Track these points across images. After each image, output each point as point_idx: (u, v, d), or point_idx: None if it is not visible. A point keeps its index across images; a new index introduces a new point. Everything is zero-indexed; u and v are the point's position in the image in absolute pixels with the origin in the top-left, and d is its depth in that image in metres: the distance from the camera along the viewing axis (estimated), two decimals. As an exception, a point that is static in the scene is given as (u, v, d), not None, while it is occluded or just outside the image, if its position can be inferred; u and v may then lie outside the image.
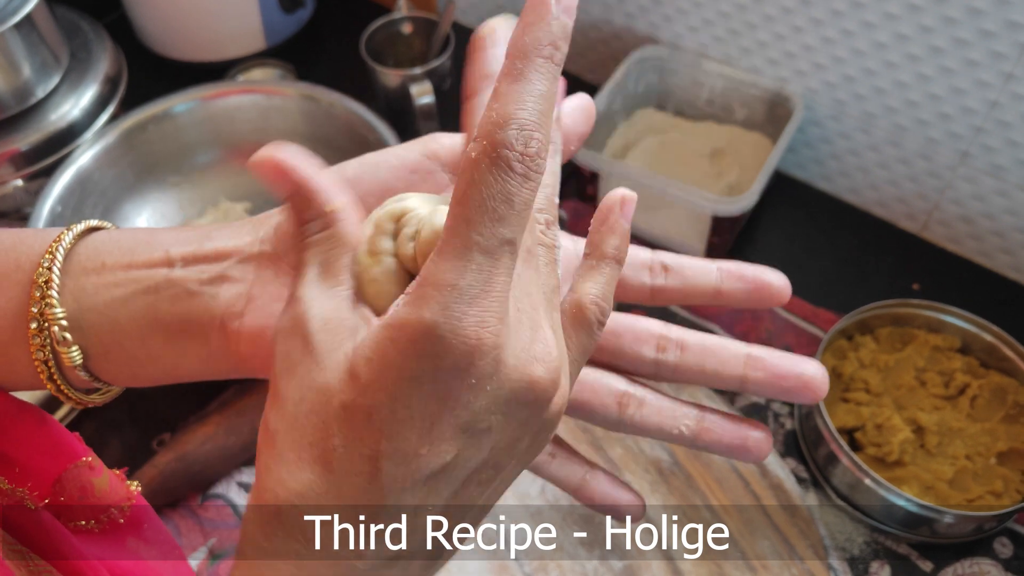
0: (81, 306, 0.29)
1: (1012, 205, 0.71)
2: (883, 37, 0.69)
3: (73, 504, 0.34)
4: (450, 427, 0.23)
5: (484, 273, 0.22)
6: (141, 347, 0.30)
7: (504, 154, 0.22)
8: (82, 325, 0.29)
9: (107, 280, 0.29)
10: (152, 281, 0.29)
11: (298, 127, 0.81)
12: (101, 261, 0.30)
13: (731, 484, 0.62)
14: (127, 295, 0.29)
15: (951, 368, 0.65)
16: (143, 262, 0.29)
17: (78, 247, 0.30)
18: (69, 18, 0.84)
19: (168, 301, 0.29)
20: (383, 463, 0.23)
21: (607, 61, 0.90)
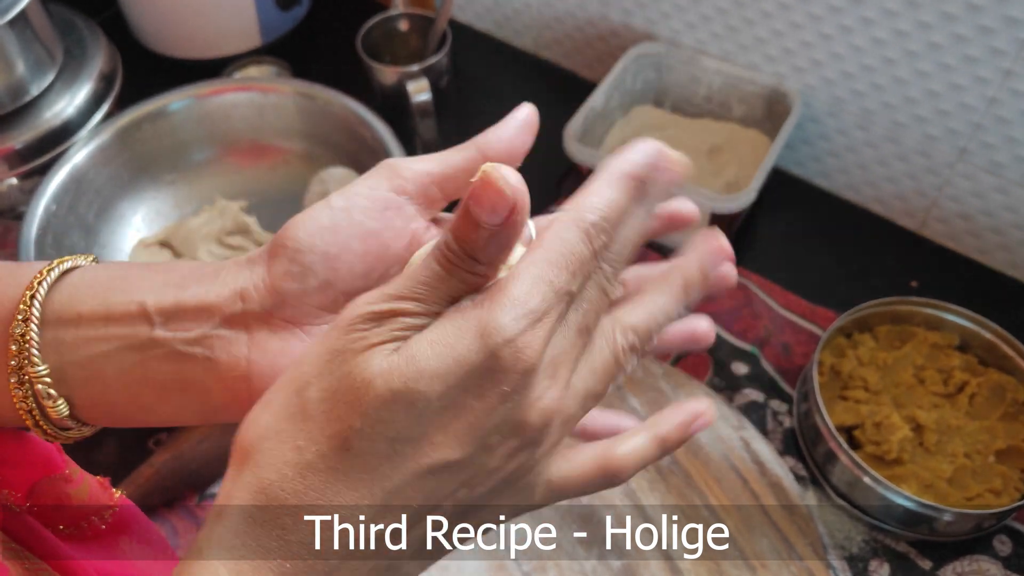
0: (63, 360, 0.29)
1: (1011, 202, 0.71)
2: (881, 33, 0.69)
3: (48, 512, 0.33)
4: (469, 427, 0.25)
5: (547, 304, 0.25)
6: (133, 402, 0.29)
7: (591, 231, 0.26)
8: (65, 378, 0.29)
9: (86, 335, 0.29)
10: (136, 340, 0.29)
11: (294, 125, 0.81)
12: (76, 311, 0.29)
13: (730, 482, 0.62)
14: (110, 351, 0.29)
15: (950, 366, 0.64)
16: (120, 315, 0.29)
17: (51, 294, 0.29)
18: (63, 15, 0.84)
19: (158, 361, 0.29)
20: (404, 446, 0.24)
21: (604, 58, 0.90)
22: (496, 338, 0.24)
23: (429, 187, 0.30)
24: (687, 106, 0.84)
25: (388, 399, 0.24)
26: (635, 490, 0.62)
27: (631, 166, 0.28)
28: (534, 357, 0.24)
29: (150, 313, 0.29)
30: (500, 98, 0.92)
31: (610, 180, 0.27)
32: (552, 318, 0.25)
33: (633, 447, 0.29)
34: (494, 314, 0.24)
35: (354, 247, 0.29)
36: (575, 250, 0.25)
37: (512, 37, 0.97)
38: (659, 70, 0.83)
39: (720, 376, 0.69)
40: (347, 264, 0.29)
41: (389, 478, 0.25)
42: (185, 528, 0.62)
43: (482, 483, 0.26)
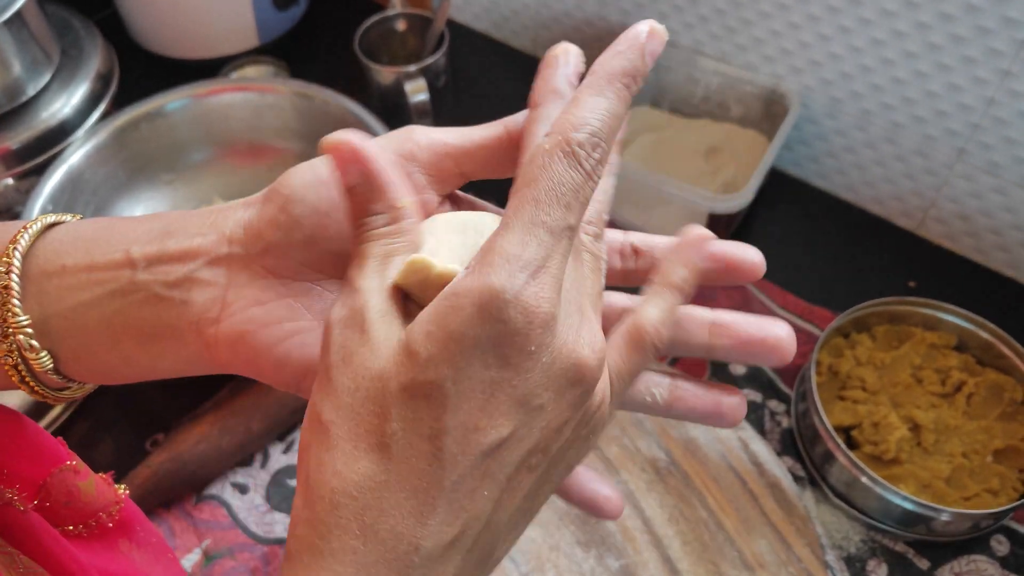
0: (45, 311, 0.28)
1: (1009, 203, 0.71)
2: (880, 34, 0.69)
3: (59, 509, 0.33)
4: (508, 399, 0.24)
5: (545, 250, 0.23)
6: (113, 351, 0.29)
7: (577, 151, 0.24)
8: (49, 330, 0.29)
9: (69, 283, 0.28)
10: (117, 285, 0.28)
11: (291, 125, 0.81)
12: (60, 263, 0.29)
13: (728, 483, 0.62)
14: (92, 299, 0.28)
15: (947, 366, 0.64)
16: (104, 263, 0.28)
17: (36, 247, 0.29)
18: (60, 15, 0.84)
19: (137, 306, 0.28)
20: (444, 440, 0.24)
21: (602, 58, 0.90)
22: (497, 303, 0.23)
23: (444, 159, 0.29)
24: (685, 107, 0.84)
25: (404, 396, 0.24)
26: (633, 491, 0.62)
27: (620, 62, 0.26)
28: (549, 308, 0.23)
29: (135, 259, 0.28)
30: (498, 98, 0.92)
31: (598, 85, 0.25)
32: (556, 261, 0.24)
33: (654, 305, 0.29)
34: (488, 278, 0.23)
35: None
36: (565, 179, 0.24)
37: (510, 37, 0.97)
38: (657, 70, 0.83)
39: (718, 376, 0.69)
40: (337, 223, 0.28)
41: (445, 476, 0.24)
42: (182, 529, 0.62)
43: (555, 439, 0.26)
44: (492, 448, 0.24)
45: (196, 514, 0.63)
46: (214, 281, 0.28)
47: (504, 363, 0.24)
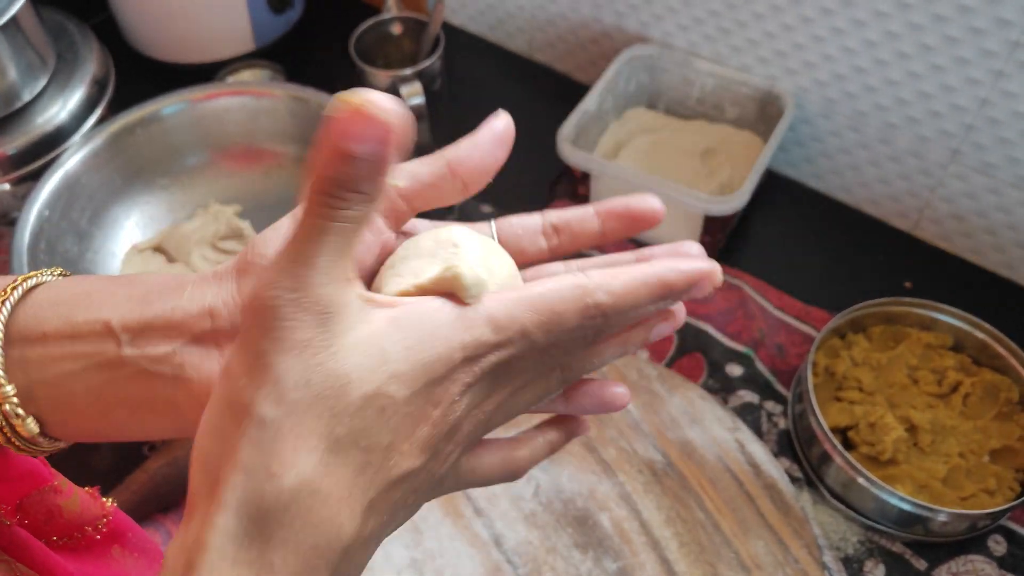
0: (30, 379, 0.28)
1: (1003, 203, 0.71)
2: (873, 35, 0.69)
3: (40, 525, 0.33)
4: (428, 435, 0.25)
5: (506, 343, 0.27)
6: (103, 420, 0.29)
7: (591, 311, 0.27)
8: (34, 398, 0.28)
9: (52, 353, 0.28)
10: (103, 358, 0.28)
11: (287, 129, 0.81)
12: (41, 330, 0.28)
13: (725, 484, 0.62)
14: (77, 370, 0.28)
15: (943, 366, 0.65)
16: (85, 333, 0.28)
17: (17, 316, 0.29)
18: (55, 20, 0.84)
19: (126, 380, 0.28)
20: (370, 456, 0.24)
21: (597, 60, 0.90)
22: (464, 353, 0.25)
23: (396, 200, 0.30)
24: (680, 108, 0.84)
25: (362, 405, 0.24)
26: (630, 492, 0.62)
27: (675, 276, 0.28)
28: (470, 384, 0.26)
29: (115, 331, 0.28)
30: (494, 101, 0.92)
31: (646, 278, 0.28)
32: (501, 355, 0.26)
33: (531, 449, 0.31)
34: (473, 333, 0.25)
35: None
36: (564, 319, 0.26)
37: (505, 40, 0.97)
38: (652, 72, 0.83)
39: (714, 378, 0.69)
40: None
41: (365, 492, 0.24)
42: (180, 534, 0.62)
43: (423, 486, 0.27)
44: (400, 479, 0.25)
45: (193, 519, 0.63)
46: (205, 356, 0.28)
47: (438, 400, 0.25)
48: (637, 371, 0.68)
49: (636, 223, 0.32)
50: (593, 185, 0.77)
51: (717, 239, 0.75)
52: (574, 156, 0.74)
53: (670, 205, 0.72)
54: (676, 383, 0.67)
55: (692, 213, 0.72)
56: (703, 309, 0.73)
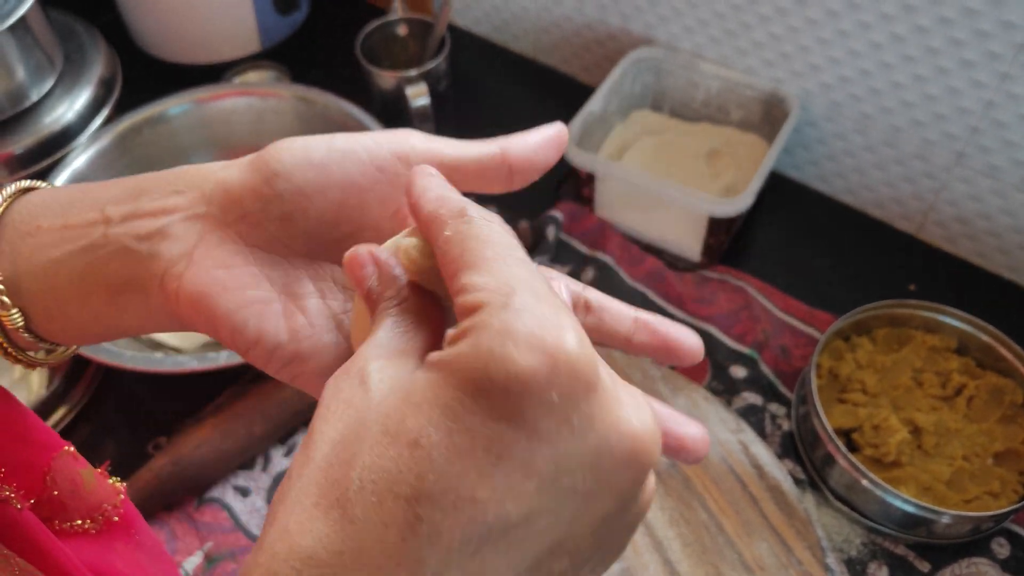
0: (18, 269, 0.29)
1: (1008, 205, 0.71)
2: (879, 38, 0.69)
3: (66, 499, 0.33)
4: (522, 470, 0.19)
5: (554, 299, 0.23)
6: (83, 307, 0.29)
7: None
8: (20, 288, 0.29)
9: (43, 241, 0.28)
10: (88, 240, 0.28)
11: (293, 129, 0.81)
12: (36, 224, 0.29)
13: (728, 486, 0.62)
14: (63, 255, 0.28)
15: (948, 368, 0.65)
16: (78, 222, 0.28)
17: (12, 210, 0.29)
18: (63, 20, 0.84)
19: (105, 259, 0.28)
20: (424, 508, 0.19)
21: (603, 62, 0.90)
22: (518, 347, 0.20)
23: (435, 167, 0.28)
24: (685, 110, 0.84)
25: (382, 439, 0.20)
26: (634, 493, 0.62)
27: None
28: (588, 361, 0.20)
29: (110, 217, 0.28)
30: (499, 102, 0.93)
31: None
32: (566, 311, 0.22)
33: None
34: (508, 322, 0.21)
35: (331, 195, 0.28)
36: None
37: (510, 41, 0.97)
38: (657, 74, 0.83)
39: (718, 379, 0.69)
40: (318, 207, 0.28)
41: (424, 556, 0.19)
42: (184, 532, 0.62)
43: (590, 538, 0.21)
44: (495, 534, 0.19)
45: (198, 517, 0.63)
46: (184, 236, 0.28)
47: (519, 419, 0.19)
48: (641, 372, 0.68)
49: (668, 352, 0.29)
50: (598, 186, 0.77)
51: (721, 241, 0.75)
52: (579, 157, 0.74)
53: (675, 207, 0.72)
54: (680, 384, 0.67)
55: (697, 215, 0.72)
56: (707, 311, 0.73)
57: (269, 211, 0.28)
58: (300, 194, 0.27)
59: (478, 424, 0.19)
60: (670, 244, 0.77)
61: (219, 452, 0.63)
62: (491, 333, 0.20)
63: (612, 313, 0.30)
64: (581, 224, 0.78)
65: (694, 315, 0.73)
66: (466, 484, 0.19)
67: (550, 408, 0.19)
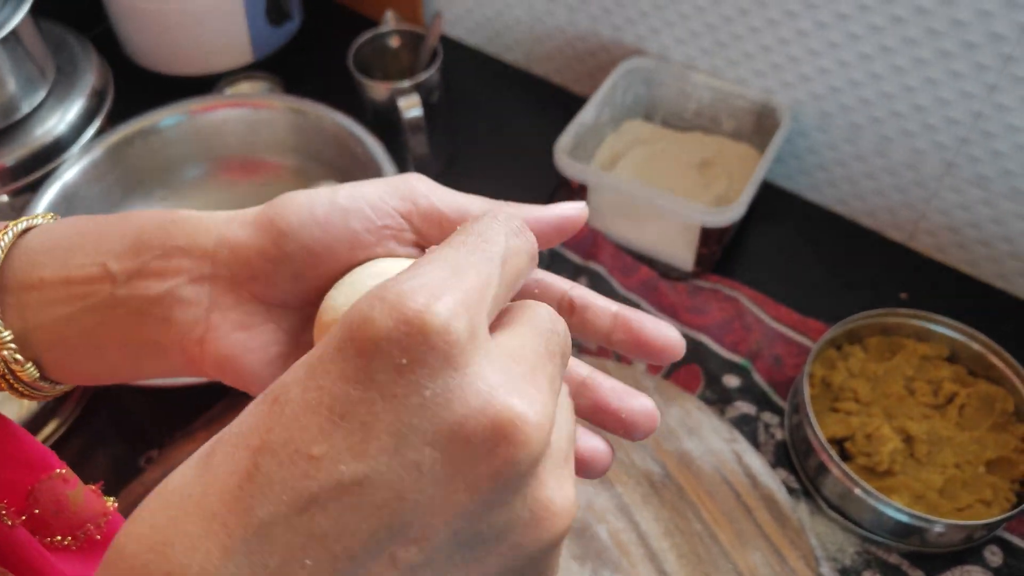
0: (27, 325, 0.28)
1: (997, 215, 0.72)
2: (868, 49, 0.70)
3: (48, 518, 0.33)
4: (362, 431, 0.19)
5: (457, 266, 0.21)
6: (98, 360, 0.29)
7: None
8: (31, 342, 0.29)
9: (49, 297, 0.28)
10: (97, 299, 0.28)
11: (286, 140, 0.81)
12: (38, 276, 0.28)
13: (722, 495, 0.62)
14: (72, 313, 0.28)
15: (939, 377, 0.65)
16: (81, 277, 0.28)
17: (11, 257, 0.29)
18: (55, 32, 0.84)
19: (118, 320, 0.28)
20: (263, 458, 0.19)
21: (595, 72, 0.90)
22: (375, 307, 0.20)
23: (432, 223, 0.29)
24: (677, 120, 0.85)
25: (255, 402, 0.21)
26: (628, 504, 0.62)
27: None
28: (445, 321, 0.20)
29: (113, 274, 0.28)
30: (492, 113, 0.93)
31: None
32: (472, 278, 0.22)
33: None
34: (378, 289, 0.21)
35: (339, 251, 0.28)
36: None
37: (503, 52, 0.98)
38: (649, 85, 0.84)
39: (712, 389, 0.69)
40: (326, 264, 0.28)
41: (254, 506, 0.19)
42: (177, 546, 0.62)
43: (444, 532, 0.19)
44: (326, 489, 0.18)
45: (191, 530, 0.63)
46: (196, 300, 0.27)
47: (367, 379, 0.19)
48: (634, 382, 0.68)
49: (643, 351, 0.29)
50: (591, 197, 0.77)
51: (714, 251, 0.75)
52: (571, 168, 0.74)
53: (667, 217, 0.73)
54: (673, 394, 0.67)
55: (689, 225, 0.72)
56: (700, 320, 0.73)
57: (280, 271, 0.28)
58: (308, 253, 0.27)
59: (330, 382, 0.19)
60: (663, 254, 0.78)
61: (212, 465, 0.63)
62: (368, 296, 0.20)
63: (594, 310, 0.30)
64: (574, 234, 0.78)
65: (687, 324, 0.73)
66: (305, 439, 0.19)
67: (399, 372, 0.19)
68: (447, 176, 0.87)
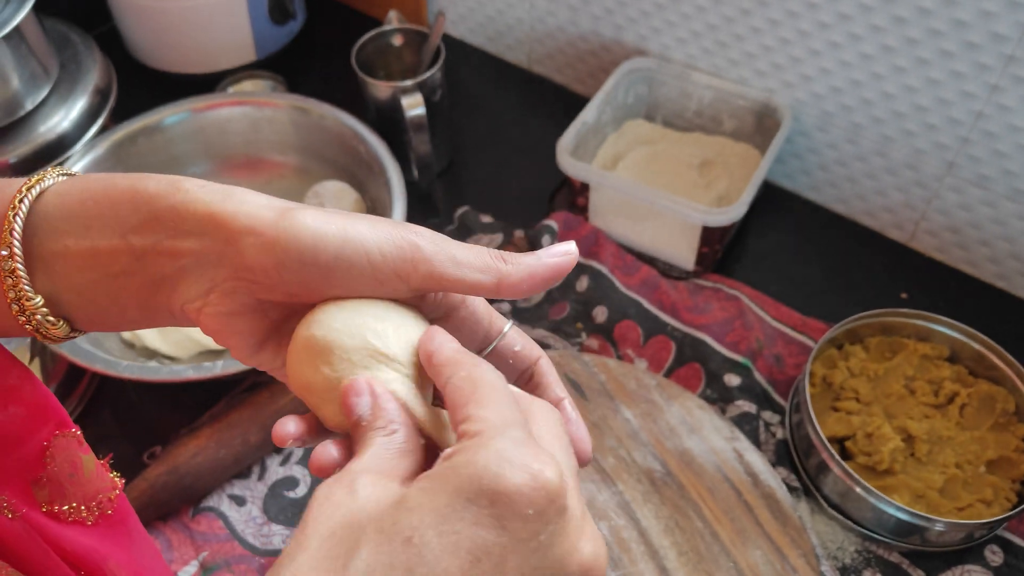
0: (57, 288, 0.31)
1: (998, 215, 0.72)
2: (870, 49, 0.70)
3: (63, 480, 0.34)
4: (494, 571, 0.24)
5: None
6: (122, 316, 0.32)
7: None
8: (61, 303, 0.31)
9: (76, 264, 0.31)
10: (117, 268, 0.31)
11: (289, 139, 0.81)
12: (63, 244, 0.31)
13: (723, 493, 0.62)
14: (99, 278, 0.31)
15: (940, 377, 0.65)
16: (105, 248, 0.30)
17: (32, 224, 0.30)
18: (59, 30, 0.84)
19: (137, 286, 0.31)
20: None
21: (597, 72, 0.91)
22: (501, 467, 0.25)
23: (432, 282, 0.31)
24: (678, 120, 0.85)
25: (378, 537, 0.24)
26: (629, 501, 0.62)
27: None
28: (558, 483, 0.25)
29: (134, 248, 0.30)
30: (494, 112, 0.93)
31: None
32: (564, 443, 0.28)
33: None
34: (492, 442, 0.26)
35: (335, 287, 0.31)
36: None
37: (505, 52, 0.98)
38: (650, 85, 0.84)
39: (713, 388, 0.69)
40: (320, 292, 0.31)
41: None
42: (180, 541, 0.62)
43: None
44: None
45: (193, 526, 0.63)
46: (199, 280, 0.30)
47: (500, 527, 0.24)
48: (636, 380, 0.68)
49: None
50: (592, 196, 0.77)
51: (715, 250, 0.75)
52: (573, 167, 0.74)
53: (668, 216, 0.73)
54: (674, 392, 0.67)
55: (690, 224, 0.72)
56: (701, 319, 0.73)
57: (277, 288, 0.30)
58: (305, 287, 0.30)
59: (465, 527, 0.24)
60: (664, 253, 0.78)
61: (215, 461, 0.63)
62: (488, 452, 0.25)
63: (543, 388, 0.34)
64: (575, 233, 0.79)
65: (688, 324, 0.73)
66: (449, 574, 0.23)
67: (525, 521, 0.24)
68: (449, 175, 0.87)
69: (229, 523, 0.63)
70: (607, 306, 0.74)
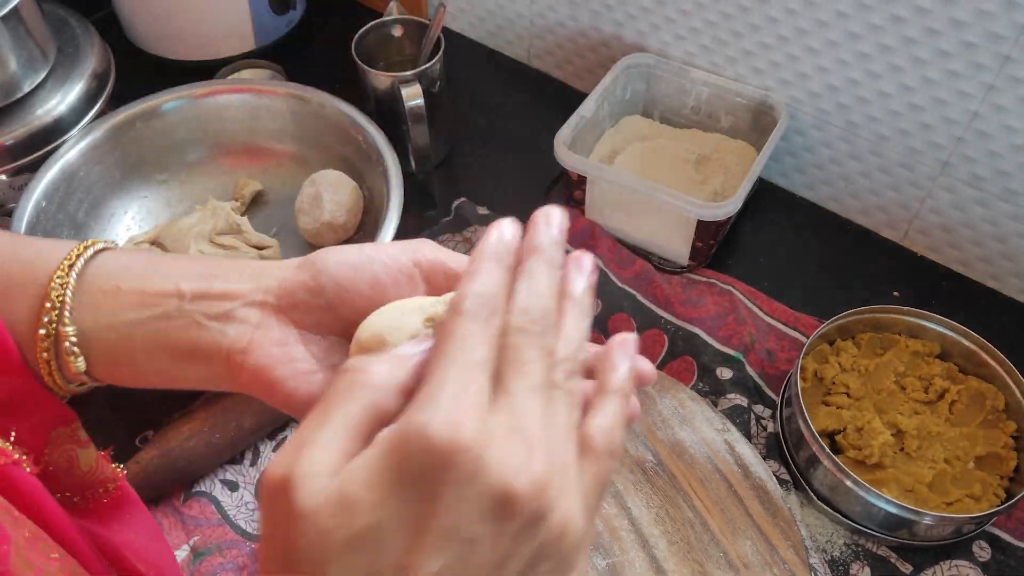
0: (98, 323, 0.34)
1: (991, 215, 0.72)
2: (866, 48, 0.70)
3: (60, 474, 0.35)
4: (435, 533, 0.24)
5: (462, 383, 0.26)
6: (149, 362, 0.34)
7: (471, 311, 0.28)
8: (92, 339, 0.34)
9: (124, 302, 0.34)
10: (163, 309, 0.34)
11: (287, 127, 0.81)
12: (115, 284, 0.34)
13: (714, 485, 0.63)
14: (142, 318, 0.34)
15: (930, 373, 0.66)
16: (155, 291, 0.34)
17: (92, 267, 0.35)
18: (57, 14, 0.84)
19: (179, 329, 0.34)
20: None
21: (595, 68, 0.91)
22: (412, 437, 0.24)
23: (439, 274, 0.35)
24: (675, 116, 0.85)
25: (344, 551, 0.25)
26: (620, 491, 0.62)
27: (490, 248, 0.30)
28: (469, 434, 0.24)
29: (184, 292, 0.34)
30: (492, 105, 0.93)
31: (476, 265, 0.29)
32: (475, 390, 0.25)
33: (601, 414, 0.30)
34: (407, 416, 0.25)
35: (362, 288, 0.34)
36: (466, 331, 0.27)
37: (504, 46, 0.98)
38: (648, 81, 0.84)
39: (705, 381, 0.70)
40: (351, 298, 0.34)
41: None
42: (171, 525, 0.62)
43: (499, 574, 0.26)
44: None
45: (185, 511, 0.63)
46: (248, 320, 0.34)
47: (428, 496, 0.24)
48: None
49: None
50: (589, 189, 0.78)
51: (709, 245, 0.76)
52: (570, 160, 0.75)
53: (664, 211, 0.73)
54: (667, 384, 0.68)
55: (685, 219, 0.72)
56: (694, 313, 0.74)
57: (316, 300, 0.34)
58: (339, 287, 0.34)
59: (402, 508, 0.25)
60: (658, 247, 0.78)
61: (208, 445, 0.63)
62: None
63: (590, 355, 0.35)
64: (571, 226, 0.79)
65: (681, 317, 0.73)
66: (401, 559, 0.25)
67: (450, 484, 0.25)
68: (447, 166, 0.87)
69: (221, 508, 0.63)
70: (602, 299, 0.74)
